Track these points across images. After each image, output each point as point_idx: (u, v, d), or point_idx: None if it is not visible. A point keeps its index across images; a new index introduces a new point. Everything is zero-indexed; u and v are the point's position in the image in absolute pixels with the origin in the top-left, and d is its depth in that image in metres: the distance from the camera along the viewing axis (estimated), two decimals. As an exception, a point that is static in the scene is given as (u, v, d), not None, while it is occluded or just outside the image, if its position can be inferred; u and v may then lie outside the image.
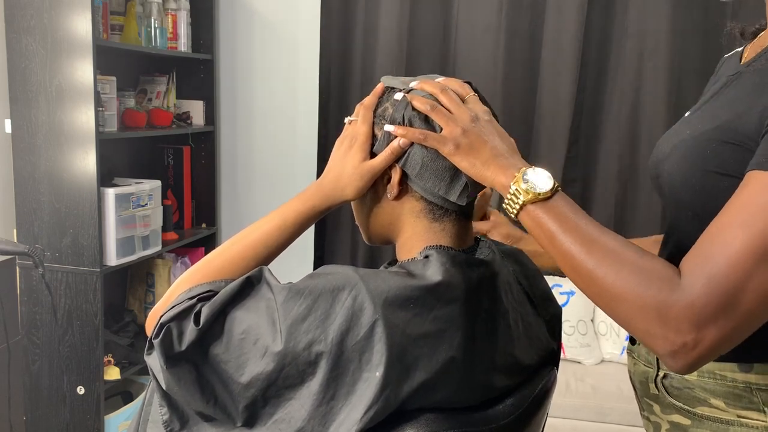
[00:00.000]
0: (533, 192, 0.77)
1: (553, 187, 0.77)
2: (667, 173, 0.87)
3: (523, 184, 0.77)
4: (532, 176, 0.78)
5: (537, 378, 0.94)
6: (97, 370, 2.28)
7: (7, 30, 2.19)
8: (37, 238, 2.26)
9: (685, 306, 0.68)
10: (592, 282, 0.74)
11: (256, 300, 0.80)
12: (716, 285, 0.67)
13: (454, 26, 2.77)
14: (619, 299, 0.72)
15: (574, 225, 0.76)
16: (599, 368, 2.59)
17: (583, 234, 0.75)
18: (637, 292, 0.70)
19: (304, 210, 0.90)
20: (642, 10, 2.62)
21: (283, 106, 2.99)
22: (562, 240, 0.75)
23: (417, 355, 0.76)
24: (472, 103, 0.85)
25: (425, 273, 0.80)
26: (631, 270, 0.71)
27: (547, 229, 0.77)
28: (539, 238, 0.78)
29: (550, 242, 0.77)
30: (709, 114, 0.85)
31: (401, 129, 0.84)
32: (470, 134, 0.80)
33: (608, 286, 0.72)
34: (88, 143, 2.18)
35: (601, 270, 0.73)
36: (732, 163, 0.77)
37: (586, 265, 0.74)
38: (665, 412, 0.92)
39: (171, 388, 0.80)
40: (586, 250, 0.74)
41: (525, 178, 0.78)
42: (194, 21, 2.84)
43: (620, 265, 0.72)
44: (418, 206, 0.88)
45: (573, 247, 0.75)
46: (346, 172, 0.88)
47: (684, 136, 0.86)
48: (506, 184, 0.79)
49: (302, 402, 0.77)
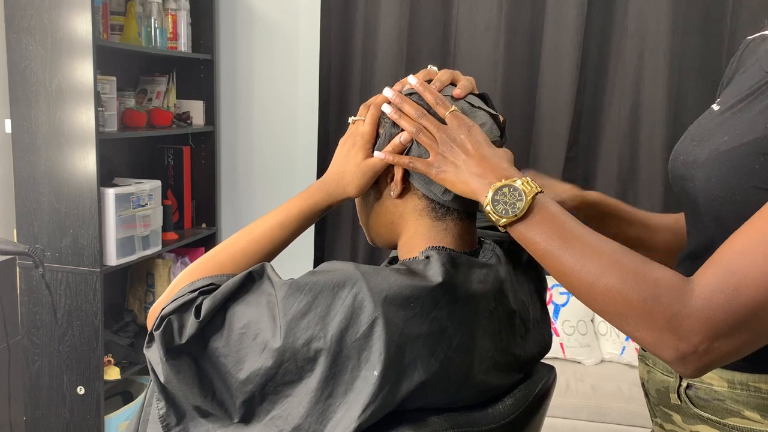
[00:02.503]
0: (506, 216, 0.76)
1: (526, 202, 0.75)
2: (704, 183, 0.81)
3: (495, 206, 0.76)
4: (502, 197, 0.76)
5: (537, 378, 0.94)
6: (97, 370, 2.28)
7: (7, 30, 2.19)
8: (37, 238, 2.26)
9: (701, 318, 0.66)
10: (594, 294, 0.72)
11: (258, 295, 0.80)
12: (740, 300, 0.66)
13: (454, 26, 2.77)
14: (624, 311, 0.70)
15: (562, 238, 0.73)
16: (599, 368, 2.58)
17: (574, 245, 0.73)
18: (645, 303, 0.68)
19: (306, 207, 0.91)
20: (642, 10, 2.62)
21: (283, 106, 2.99)
22: (555, 256, 0.74)
23: (416, 355, 0.76)
24: (452, 121, 0.83)
25: (426, 273, 0.80)
26: (635, 279, 0.69)
27: (535, 248, 0.76)
28: (530, 252, 0.77)
29: (541, 258, 0.75)
30: (748, 121, 0.79)
31: (390, 156, 0.86)
32: (448, 156, 0.81)
33: (612, 298, 0.70)
34: (88, 143, 2.18)
35: (603, 281, 0.70)
36: None
37: (585, 278, 0.72)
38: (688, 422, 0.89)
39: (169, 381, 0.80)
40: (582, 262, 0.72)
41: (495, 199, 0.76)
42: (194, 21, 2.84)
43: (623, 274, 0.70)
44: (420, 205, 0.88)
45: (568, 261, 0.72)
46: (349, 169, 0.89)
47: (721, 143, 0.80)
48: (483, 206, 0.78)
49: (300, 399, 0.77)
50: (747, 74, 0.87)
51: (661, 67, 2.61)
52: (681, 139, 0.92)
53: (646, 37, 2.63)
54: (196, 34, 2.87)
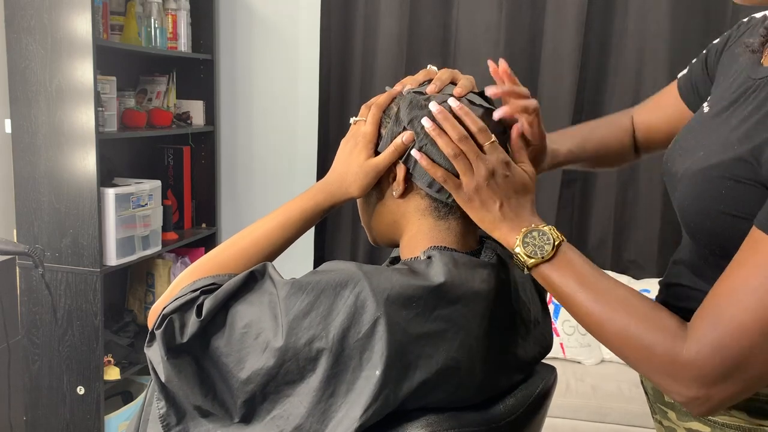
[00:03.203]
0: (535, 257, 0.80)
1: (553, 247, 0.80)
2: (680, 201, 0.85)
3: (525, 248, 0.80)
4: (531, 240, 0.81)
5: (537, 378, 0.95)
6: (97, 370, 2.28)
7: (7, 30, 2.19)
8: (37, 238, 2.25)
9: (693, 368, 0.70)
10: (605, 335, 0.77)
11: (259, 294, 0.80)
12: (724, 352, 0.68)
13: (454, 26, 2.77)
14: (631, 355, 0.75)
15: (580, 281, 0.79)
16: (599, 368, 2.58)
17: (590, 288, 0.78)
18: (647, 350, 0.73)
19: (308, 208, 0.91)
20: (642, 10, 2.62)
21: (283, 106, 2.99)
22: (573, 298, 0.79)
23: (417, 355, 0.76)
24: (491, 153, 0.83)
25: (428, 273, 0.80)
26: (640, 326, 0.74)
27: (555, 288, 0.81)
28: (551, 292, 0.82)
29: (560, 299, 0.81)
30: (724, 137, 0.80)
31: (425, 160, 0.84)
32: (483, 192, 0.82)
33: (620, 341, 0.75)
34: (88, 143, 2.18)
35: (613, 325, 0.75)
36: (749, 206, 0.73)
37: (597, 320, 0.77)
38: (682, 419, 0.92)
39: (170, 381, 0.80)
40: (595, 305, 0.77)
41: (525, 241, 0.81)
42: (194, 21, 2.84)
43: (630, 320, 0.74)
44: (423, 204, 0.88)
45: (584, 303, 0.78)
46: (351, 169, 0.89)
47: (695, 161, 0.82)
48: (511, 246, 0.82)
49: (301, 399, 0.77)
50: (735, 78, 0.88)
51: (661, 67, 2.61)
52: (673, 142, 0.94)
53: (646, 37, 2.63)
54: (196, 34, 2.87)
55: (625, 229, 2.79)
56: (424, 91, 0.88)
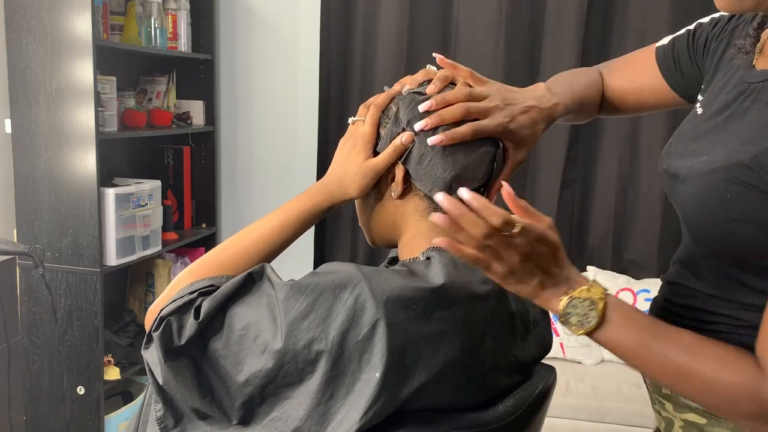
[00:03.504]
0: (584, 328, 0.75)
1: (600, 314, 0.74)
2: (682, 203, 0.84)
3: (569, 319, 0.75)
4: (574, 309, 0.75)
5: (537, 378, 0.94)
6: (97, 370, 2.28)
7: (7, 30, 2.19)
8: (37, 238, 2.25)
9: None
10: (685, 389, 0.76)
11: (258, 296, 0.80)
12: None
13: (454, 26, 2.77)
14: (715, 405, 0.75)
15: (642, 340, 0.75)
16: (599, 368, 2.58)
17: (655, 345, 0.75)
18: (732, 394, 0.72)
19: (306, 208, 0.90)
20: (642, 10, 2.62)
21: (283, 106, 2.99)
22: (639, 356, 0.76)
23: (417, 357, 0.76)
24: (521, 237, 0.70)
25: (428, 275, 0.80)
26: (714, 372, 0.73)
27: (620, 353, 0.77)
28: (616, 355, 0.78)
29: (628, 360, 0.77)
30: (726, 141, 0.79)
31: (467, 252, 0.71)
32: (518, 274, 0.73)
33: (700, 394, 0.74)
34: (88, 143, 2.18)
35: (690, 381, 0.74)
36: (756, 211, 0.73)
37: (673, 377, 0.75)
38: (678, 410, 0.93)
39: (168, 383, 0.80)
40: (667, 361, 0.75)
41: (568, 312, 0.74)
42: (194, 21, 2.84)
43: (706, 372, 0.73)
44: (422, 205, 0.88)
45: (654, 360, 0.75)
46: (350, 170, 0.89)
47: (698, 163, 0.81)
48: (557, 314, 0.76)
49: (300, 401, 0.76)
50: (728, 80, 0.87)
51: (661, 67, 2.61)
52: (667, 145, 0.94)
53: (646, 37, 2.62)
54: (196, 34, 2.87)
55: (625, 229, 2.79)
56: (423, 91, 0.88)
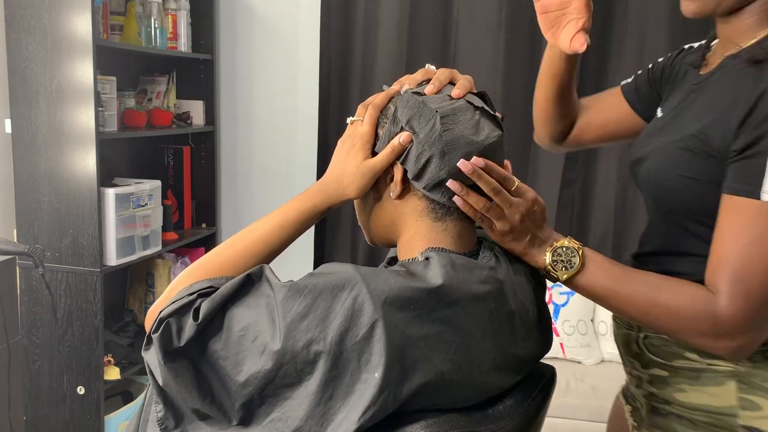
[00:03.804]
0: (567, 272, 0.91)
1: (579, 258, 0.91)
2: (645, 173, 1.02)
3: (555, 265, 0.91)
4: (558, 257, 0.91)
5: (537, 378, 0.95)
6: (97, 370, 2.28)
7: (7, 30, 2.19)
8: (37, 238, 2.26)
9: (733, 321, 0.84)
10: (650, 318, 0.90)
11: (256, 297, 0.80)
12: (753, 300, 0.83)
13: (454, 25, 2.76)
14: (677, 328, 0.89)
15: (614, 280, 0.91)
16: (599, 368, 2.58)
17: (625, 283, 0.91)
18: (691, 321, 0.86)
19: (305, 209, 0.90)
20: (642, 10, 2.62)
21: (283, 106, 2.99)
22: (612, 299, 0.91)
23: (416, 357, 0.76)
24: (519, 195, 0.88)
25: (426, 275, 0.80)
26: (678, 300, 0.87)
27: (593, 293, 0.93)
28: (588, 298, 0.94)
29: (600, 301, 0.93)
30: (680, 125, 0.99)
31: (465, 191, 0.85)
32: (516, 231, 0.90)
33: (665, 319, 0.89)
34: (88, 143, 2.18)
35: (655, 308, 0.89)
36: (703, 169, 0.92)
37: (641, 308, 0.90)
38: (645, 367, 1.06)
39: (168, 384, 0.80)
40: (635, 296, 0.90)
41: (554, 259, 0.91)
42: (194, 21, 2.84)
43: (668, 298, 0.88)
44: (420, 205, 0.88)
45: (624, 297, 0.90)
46: (349, 171, 0.88)
47: (659, 143, 1.01)
48: (543, 266, 0.92)
49: (300, 401, 0.76)
50: (681, 89, 1.07)
51: (661, 67, 2.61)
52: (633, 145, 1.12)
53: (646, 37, 2.62)
54: (196, 34, 2.87)
55: (625, 229, 2.79)
56: (422, 91, 0.88)
